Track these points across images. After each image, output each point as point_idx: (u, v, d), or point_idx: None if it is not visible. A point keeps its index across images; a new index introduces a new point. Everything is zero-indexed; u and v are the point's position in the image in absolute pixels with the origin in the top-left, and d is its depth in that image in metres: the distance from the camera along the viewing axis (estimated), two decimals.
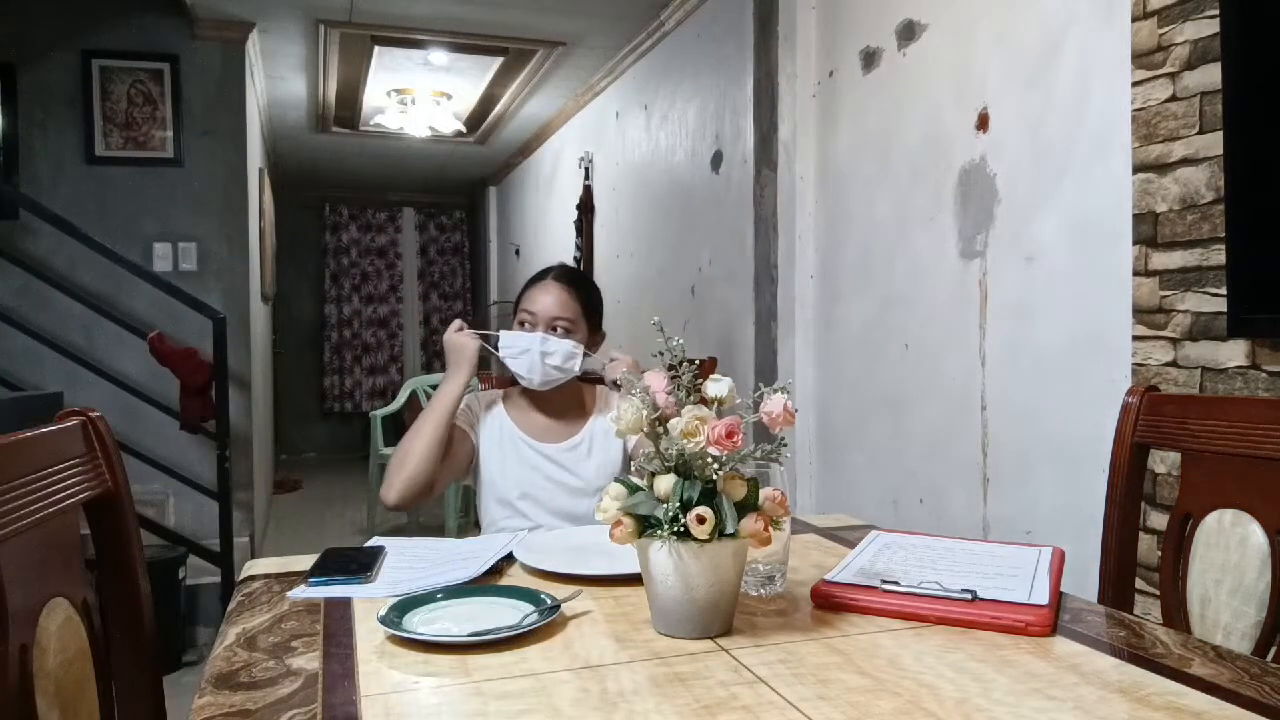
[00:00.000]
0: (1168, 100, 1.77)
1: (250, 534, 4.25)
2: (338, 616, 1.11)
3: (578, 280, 1.82)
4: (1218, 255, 1.67)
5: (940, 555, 1.29)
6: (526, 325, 1.74)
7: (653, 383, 1.03)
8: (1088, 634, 1.02)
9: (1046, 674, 0.90)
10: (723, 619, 1.02)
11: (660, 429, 1.02)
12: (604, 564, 1.22)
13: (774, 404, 1.04)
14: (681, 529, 0.96)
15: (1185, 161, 1.74)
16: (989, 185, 2.27)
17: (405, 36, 4.54)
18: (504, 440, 1.77)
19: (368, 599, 1.16)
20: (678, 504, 0.96)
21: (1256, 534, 1.20)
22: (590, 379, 1.94)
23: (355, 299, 8.93)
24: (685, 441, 0.97)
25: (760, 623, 1.06)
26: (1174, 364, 1.77)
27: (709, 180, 3.81)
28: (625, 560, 1.13)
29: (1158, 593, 1.35)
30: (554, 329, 1.73)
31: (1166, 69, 1.77)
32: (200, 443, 3.94)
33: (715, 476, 0.98)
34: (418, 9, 4.15)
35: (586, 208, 5.45)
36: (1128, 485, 1.37)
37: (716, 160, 3.73)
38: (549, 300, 1.74)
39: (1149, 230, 1.82)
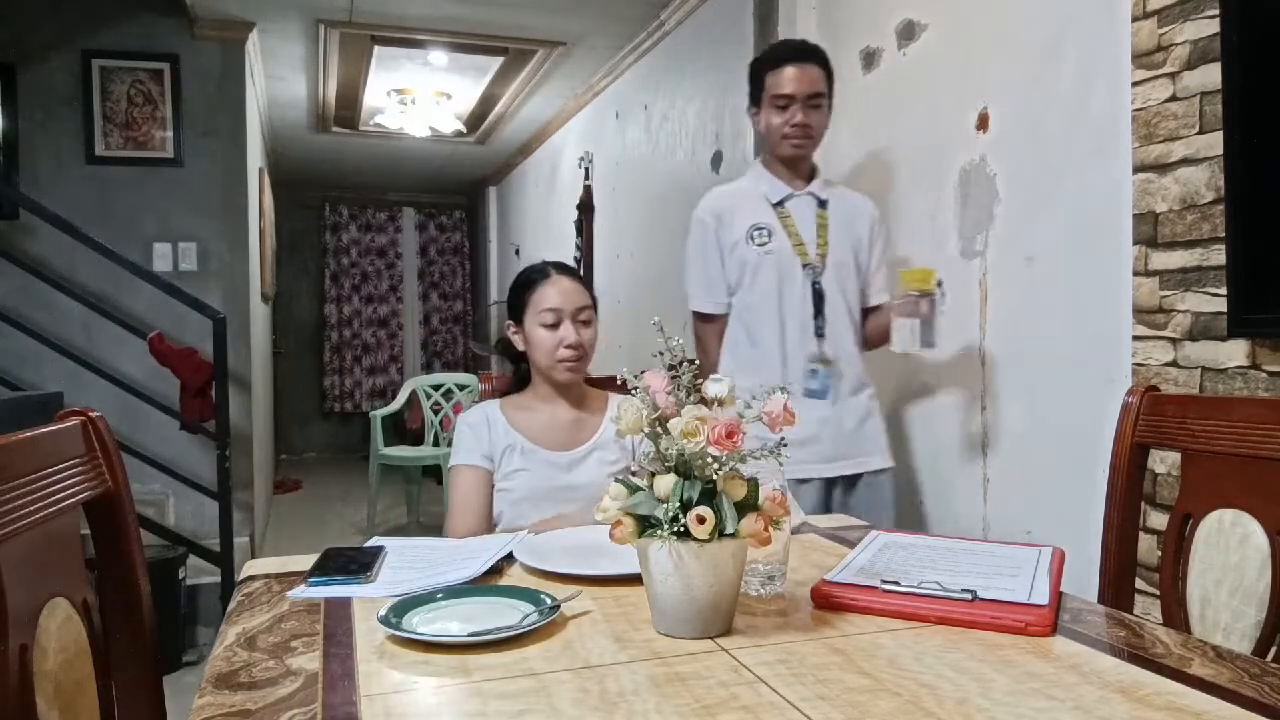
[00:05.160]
0: (1168, 100, 1.77)
1: (250, 534, 4.25)
2: (338, 616, 1.11)
3: (576, 271, 1.85)
4: (1218, 255, 1.67)
5: (940, 555, 1.29)
6: (551, 322, 1.74)
7: (653, 383, 1.03)
8: (1088, 634, 1.02)
9: (1046, 674, 0.90)
10: (723, 619, 1.02)
11: (660, 429, 1.02)
12: (604, 564, 1.22)
13: (774, 404, 1.04)
14: (681, 529, 0.96)
15: (1185, 161, 1.74)
16: (989, 185, 2.27)
17: (405, 36, 4.54)
18: (510, 450, 1.75)
19: (368, 599, 1.16)
20: (678, 504, 0.96)
21: (1256, 534, 1.20)
22: (595, 381, 1.93)
23: (355, 299, 8.93)
24: (685, 441, 0.97)
25: (760, 623, 1.06)
26: (1174, 364, 1.77)
27: (709, 180, 3.80)
28: (625, 560, 1.13)
29: (1158, 593, 1.35)
30: (580, 319, 1.75)
31: (1166, 69, 1.77)
32: (200, 443, 3.94)
33: (715, 476, 0.98)
34: (418, 9, 4.14)
35: (586, 208, 5.45)
36: (1128, 485, 1.37)
37: (716, 160, 3.73)
38: (567, 293, 1.75)
39: (1149, 230, 1.82)
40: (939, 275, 2.01)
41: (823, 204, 2.19)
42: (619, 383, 1.11)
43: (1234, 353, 1.66)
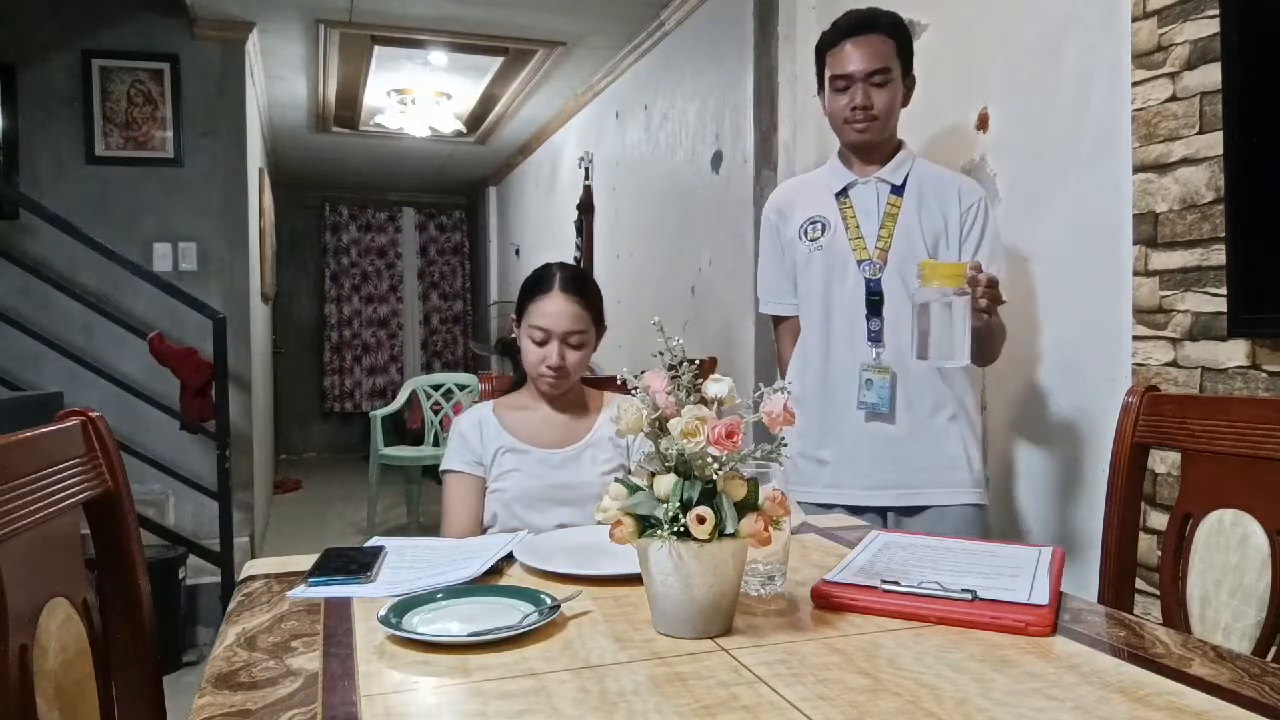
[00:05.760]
0: (1168, 100, 1.77)
1: (250, 534, 4.26)
2: (338, 616, 1.11)
3: (582, 285, 1.79)
4: (1218, 255, 1.67)
5: (940, 555, 1.29)
6: (539, 339, 1.73)
7: (653, 383, 1.03)
8: (1088, 634, 1.02)
9: (1046, 674, 0.90)
10: (723, 619, 1.02)
11: (660, 429, 1.02)
12: (604, 564, 1.22)
13: (774, 404, 1.04)
14: (681, 529, 0.96)
15: (1185, 161, 1.74)
16: (989, 185, 2.26)
17: (405, 36, 4.54)
18: (503, 451, 1.76)
19: (368, 599, 1.16)
20: (678, 504, 0.96)
21: (1256, 534, 1.20)
22: (595, 381, 1.93)
23: (355, 299, 8.93)
24: (685, 441, 0.97)
25: (760, 623, 1.06)
26: (1174, 364, 1.77)
27: (709, 180, 3.80)
28: (625, 560, 1.13)
29: (1158, 593, 1.35)
30: (569, 342, 1.73)
31: (1166, 69, 1.77)
32: (200, 443, 3.94)
33: (715, 476, 0.98)
34: (418, 9, 4.15)
35: (586, 208, 5.45)
36: (1128, 485, 1.37)
37: (716, 160, 3.73)
38: (560, 313, 1.72)
39: (1149, 230, 1.82)
40: (979, 272, 1.64)
41: (897, 189, 1.90)
42: (619, 383, 1.11)
43: (1234, 353, 1.66)
